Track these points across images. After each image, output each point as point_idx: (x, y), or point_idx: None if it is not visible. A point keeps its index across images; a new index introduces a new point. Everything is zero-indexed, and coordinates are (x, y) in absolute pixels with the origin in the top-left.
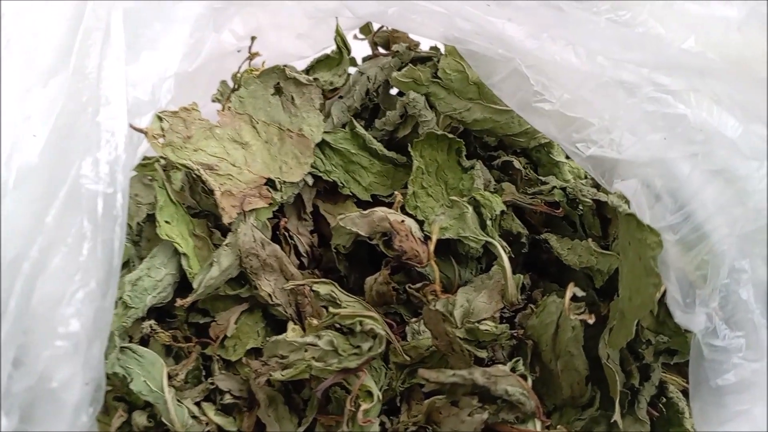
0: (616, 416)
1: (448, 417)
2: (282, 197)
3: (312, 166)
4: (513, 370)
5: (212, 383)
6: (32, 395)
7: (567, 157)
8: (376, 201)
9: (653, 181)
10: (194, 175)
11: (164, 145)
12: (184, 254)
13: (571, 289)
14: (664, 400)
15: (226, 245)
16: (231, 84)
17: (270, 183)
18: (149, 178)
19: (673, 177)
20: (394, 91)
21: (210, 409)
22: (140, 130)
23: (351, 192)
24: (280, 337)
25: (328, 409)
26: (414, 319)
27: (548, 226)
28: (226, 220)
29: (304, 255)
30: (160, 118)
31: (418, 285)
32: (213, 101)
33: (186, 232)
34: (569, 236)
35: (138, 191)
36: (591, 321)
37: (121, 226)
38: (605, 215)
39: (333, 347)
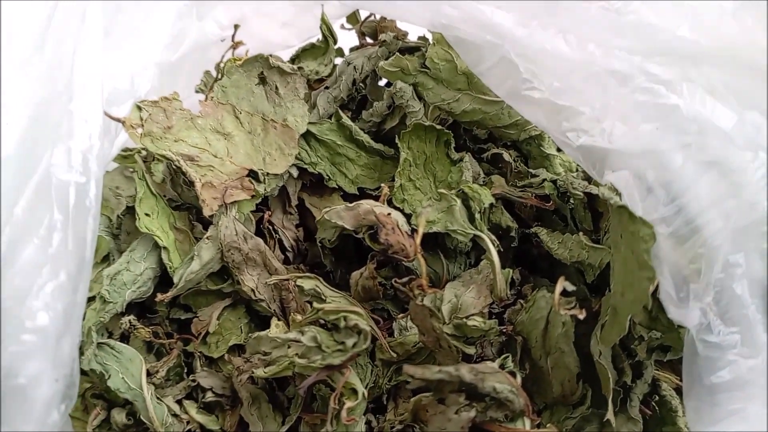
0: (609, 415)
1: (435, 415)
2: (265, 189)
3: (297, 158)
4: (502, 367)
5: (194, 380)
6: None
7: (558, 150)
8: (363, 194)
9: (645, 172)
10: (174, 166)
11: (143, 135)
12: (165, 248)
13: (562, 284)
14: (657, 398)
15: (207, 238)
16: (214, 74)
17: (253, 174)
18: (130, 170)
19: (666, 168)
20: (382, 83)
21: (192, 407)
22: (116, 119)
23: (337, 185)
24: (262, 333)
25: (313, 407)
26: (401, 315)
27: (538, 219)
28: (206, 212)
29: (289, 249)
30: (139, 108)
31: (405, 279)
32: (196, 92)
33: (167, 225)
34: (560, 230)
35: (119, 183)
36: (581, 316)
37: (94, 218)
38: (597, 209)
39: (317, 343)
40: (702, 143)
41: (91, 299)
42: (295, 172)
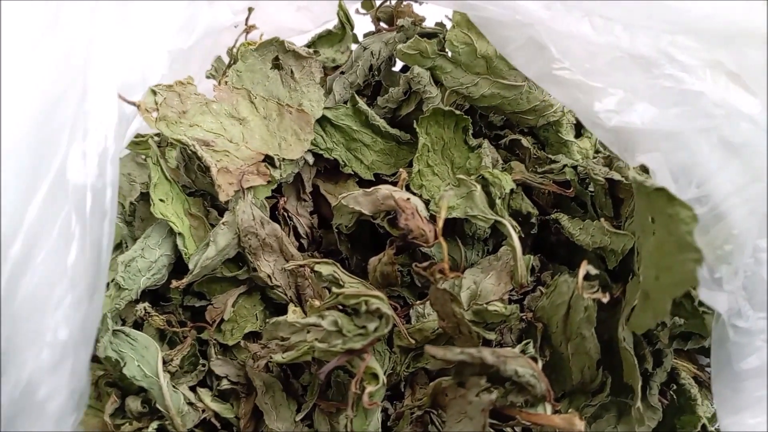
0: (637, 402)
1: (454, 399)
2: (281, 175)
3: (312, 144)
4: (523, 352)
5: (207, 368)
6: (16, 408)
7: (576, 136)
8: (379, 180)
9: (673, 155)
10: (190, 152)
11: (158, 119)
12: (180, 234)
13: (585, 267)
14: (675, 386)
15: (223, 224)
16: (226, 60)
17: (268, 160)
18: (143, 156)
19: (693, 153)
20: (397, 68)
21: (206, 395)
22: (132, 103)
23: (353, 171)
24: (280, 318)
25: (328, 395)
26: (419, 302)
27: (556, 206)
28: (222, 198)
29: (304, 236)
30: (153, 92)
31: (425, 264)
32: (207, 77)
33: (181, 211)
34: (579, 217)
35: (131, 170)
36: (605, 300)
37: (111, 223)
38: (617, 195)
39: (337, 328)
40: (728, 128)
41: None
42: (310, 159)
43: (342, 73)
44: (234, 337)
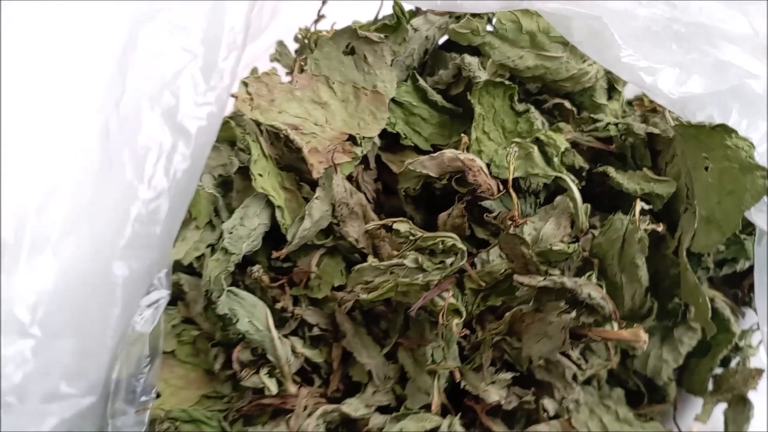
0: (695, 319)
1: (532, 323)
2: (363, 151)
3: None
4: None
5: (300, 319)
6: None
7: (608, 99)
8: (435, 150)
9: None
10: (282, 135)
11: (253, 108)
12: (279, 207)
13: (639, 204)
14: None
15: (317, 198)
16: (287, 45)
17: (351, 139)
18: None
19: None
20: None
21: (298, 343)
22: (233, 95)
23: (412, 143)
24: (365, 264)
25: (408, 335)
26: (485, 249)
27: (596, 161)
28: (315, 175)
29: (371, 202)
30: (245, 84)
31: (496, 213)
32: (271, 61)
33: (277, 185)
34: (621, 169)
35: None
36: (660, 229)
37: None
38: (655, 148)
39: (418, 264)
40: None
41: (212, 251)
42: None
43: (394, 52)
44: (322, 291)
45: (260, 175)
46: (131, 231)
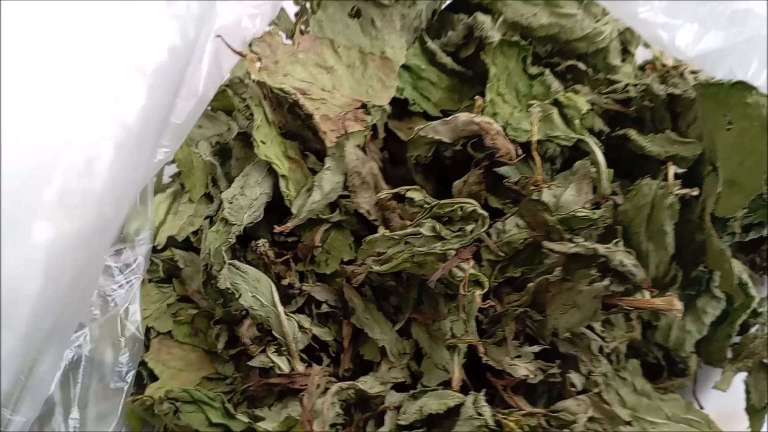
0: (721, 286)
1: (559, 293)
2: (373, 120)
3: None
4: None
5: (308, 295)
6: None
7: (622, 61)
8: (445, 116)
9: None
10: (291, 100)
11: (260, 69)
12: (283, 176)
13: (672, 168)
14: None
15: (327, 169)
16: (285, 7)
17: (363, 106)
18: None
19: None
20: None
21: (305, 321)
22: (239, 53)
23: (421, 109)
24: (377, 234)
25: (421, 310)
26: (498, 220)
27: (612, 125)
28: (328, 143)
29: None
30: (250, 44)
31: (517, 178)
32: (270, 25)
33: (280, 153)
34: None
35: (201, 122)
36: (695, 193)
37: None
38: (675, 109)
39: (435, 233)
40: None
41: (210, 223)
42: None
43: (403, 16)
44: (330, 266)
45: (263, 142)
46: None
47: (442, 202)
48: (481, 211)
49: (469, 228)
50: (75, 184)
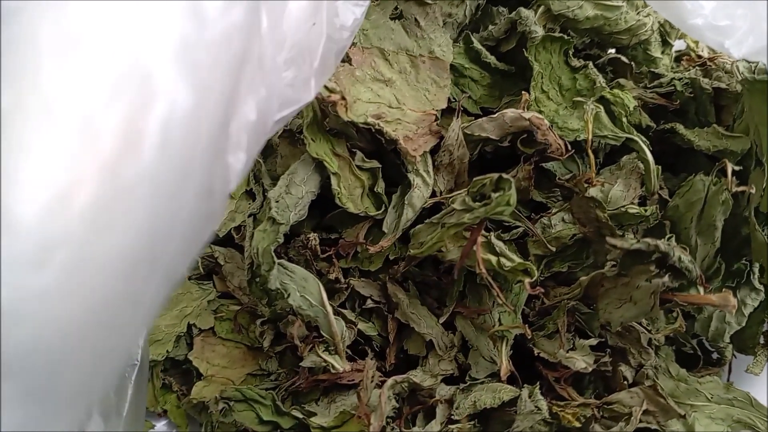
0: (765, 280)
1: (613, 288)
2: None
3: None
4: None
5: (351, 291)
6: None
7: (662, 53)
8: (485, 113)
9: None
10: (375, 129)
11: (339, 105)
12: (335, 173)
13: (730, 165)
14: None
15: (416, 187)
16: None
17: (436, 117)
18: None
19: None
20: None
21: (350, 316)
22: (325, 99)
23: (462, 107)
24: (420, 225)
25: (465, 303)
26: (544, 214)
27: (655, 118)
28: (410, 160)
29: None
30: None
31: (569, 175)
32: None
33: (328, 151)
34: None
35: None
36: (753, 191)
37: None
38: (719, 103)
39: (465, 206)
40: None
41: (256, 222)
42: None
43: (450, 15)
44: (375, 263)
45: (313, 139)
46: None
47: (476, 179)
48: (506, 176)
49: (495, 195)
50: None
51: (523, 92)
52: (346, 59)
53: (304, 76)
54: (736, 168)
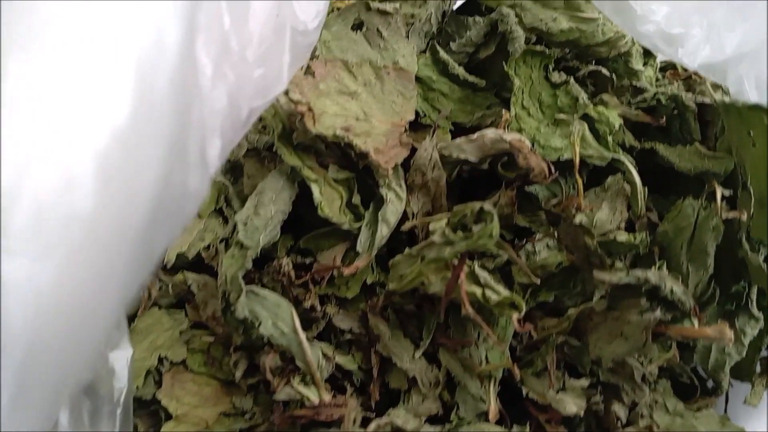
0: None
1: (603, 323)
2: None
3: None
4: None
5: (328, 319)
6: None
7: (644, 65)
8: (458, 129)
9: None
10: (344, 143)
11: (307, 118)
12: (315, 181)
13: (720, 189)
14: None
15: (389, 202)
16: None
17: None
18: None
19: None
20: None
21: (328, 349)
22: (299, 110)
23: (432, 121)
24: (399, 256)
25: (449, 334)
26: (528, 240)
27: (637, 135)
28: (383, 178)
29: None
30: (286, 92)
31: (556, 200)
32: None
33: (301, 164)
34: (668, 143)
35: None
36: (744, 216)
37: None
38: (704, 118)
39: (445, 238)
40: None
41: (226, 246)
42: None
43: (413, 24)
44: (351, 290)
45: (287, 150)
46: None
47: (456, 209)
48: (488, 207)
49: (476, 228)
50: None
51: (504, 111)
52: (309, 72)
53: (275, 67)
54: (726, 192)
